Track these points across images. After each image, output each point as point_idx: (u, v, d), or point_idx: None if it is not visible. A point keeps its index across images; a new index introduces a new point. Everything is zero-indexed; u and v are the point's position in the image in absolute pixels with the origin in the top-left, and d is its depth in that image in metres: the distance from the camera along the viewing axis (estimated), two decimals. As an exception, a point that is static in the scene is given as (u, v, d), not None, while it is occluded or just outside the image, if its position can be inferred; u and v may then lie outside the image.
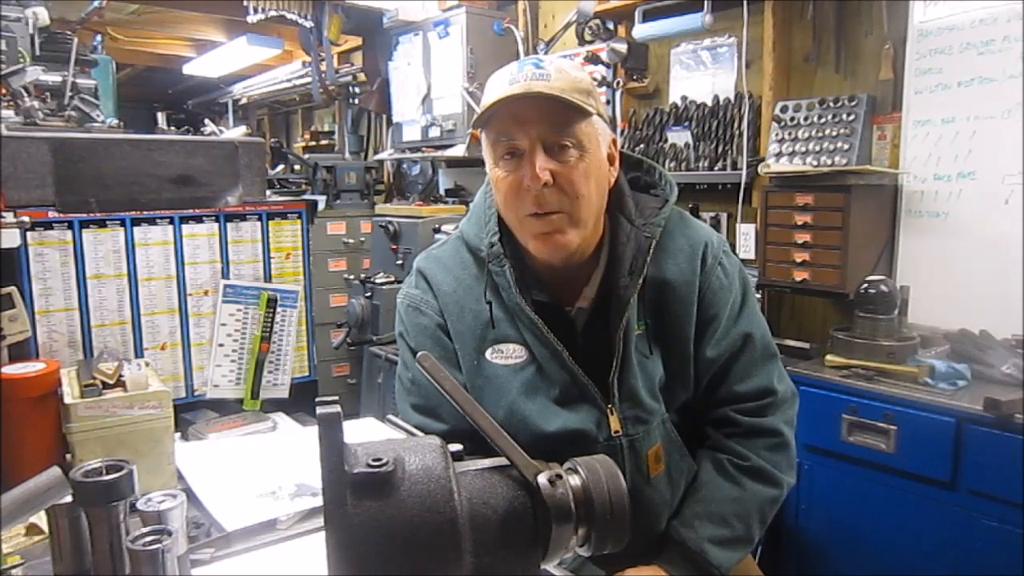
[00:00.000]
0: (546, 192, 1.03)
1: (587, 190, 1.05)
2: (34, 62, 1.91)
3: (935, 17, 2.26)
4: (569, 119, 1.04)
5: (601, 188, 1.10)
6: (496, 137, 1.07)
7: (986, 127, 2.18)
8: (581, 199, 1.05)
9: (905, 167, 2.35)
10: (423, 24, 3.73)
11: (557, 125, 1.03)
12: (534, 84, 1.01)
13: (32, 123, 1.76)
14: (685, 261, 1.16)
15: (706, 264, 1.17)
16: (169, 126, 3.54)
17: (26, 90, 1.81)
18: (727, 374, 1.18)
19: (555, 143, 1.03)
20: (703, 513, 1.14)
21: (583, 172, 1.05)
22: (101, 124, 1.91)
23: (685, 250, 1.17)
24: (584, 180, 1.05)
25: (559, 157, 1.04)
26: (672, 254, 1.16)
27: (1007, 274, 2.12)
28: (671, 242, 1.17)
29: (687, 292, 1.15)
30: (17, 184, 1.47)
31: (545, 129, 1.03)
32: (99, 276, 1.57)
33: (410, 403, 1.20)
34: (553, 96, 1.00)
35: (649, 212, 1.16)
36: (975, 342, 2.09)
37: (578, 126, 1.04)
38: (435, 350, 1.17)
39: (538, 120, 1.03)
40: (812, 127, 2.47)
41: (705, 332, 1.17)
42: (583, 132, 1.05)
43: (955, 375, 1.95)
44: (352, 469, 0.47)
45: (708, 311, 1.16)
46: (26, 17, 1.93)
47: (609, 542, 0.53)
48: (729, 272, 1.19)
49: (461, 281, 1.18)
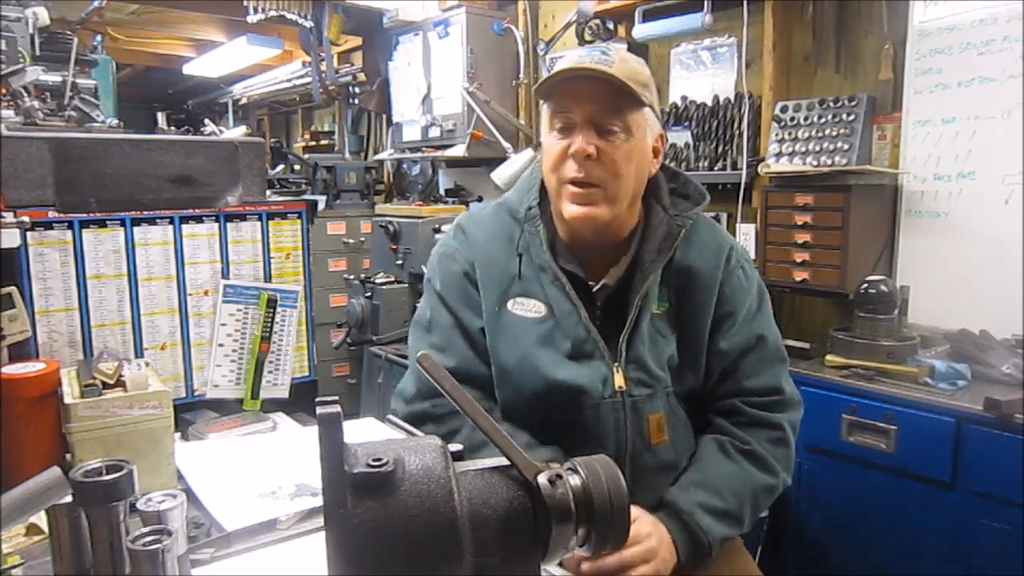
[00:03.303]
0: (589, 164, 1.12)
1: (626, 170, 1.13)
2: (34, 62, 1.91)
3: (935, 17, 2.26)
4: (622, 105, 1.12)
5: (641, 173, 1.18)
6: (554, 109, 1.16)
7: (986, 127, 2.18)
8: (620, 178, 1.13)
9: (905, 167, 2.35)
10: (423, 24, 3.73)
11: (610, 108, 1.11)
12: (597, 66, 1.09)
13: (32, 123, 1.75)
14: (711, 255, 1.25)
15: (729, 263, 1.25)
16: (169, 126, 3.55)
17: (26, 90, 1.80)
18: (737, 369, 1.25)
19: (605, 124, 1.12)
20: (699, 481, 1.19)
21: (625, 153, 1.13)
22: (101, 124, 1.91)
23: (711, 245, 1.26)
24: (625, 161, 1.13)
25: (606, 136, 1.12)
26: (699, 245, 1.25)
27: (1007, 274, 2.12)
28: (698, 236, 1.26)
29: (709, 283, 1.23)
30: (17, 184, 1.47)
31: (598, 109, 1.11)
32: (99, 276, 1.57)
33: (428, 343, 1.27)
34: (612, 80, 1.08)
35: (682, 208, 1.25)
36: (975, 342, 2.09)
37: (629, 113, 1.12)
38: (459, 295, 1.26)
39: (594, 100, 1.11)
40: (812, 127, 2.47)
41: (721, 325, 1.24)
42: (632, 119, 1.13)
43: (955, 375, 1.95)
44: (352, 469, 0.47)
45: (725, 306, 1.24)
46: (26, 17, 1.93)
47: (609, 542, 0.53)
48: (749, 276, 1.28)
49: (496, 237, 1.26)
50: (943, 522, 1.84)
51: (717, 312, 1.24)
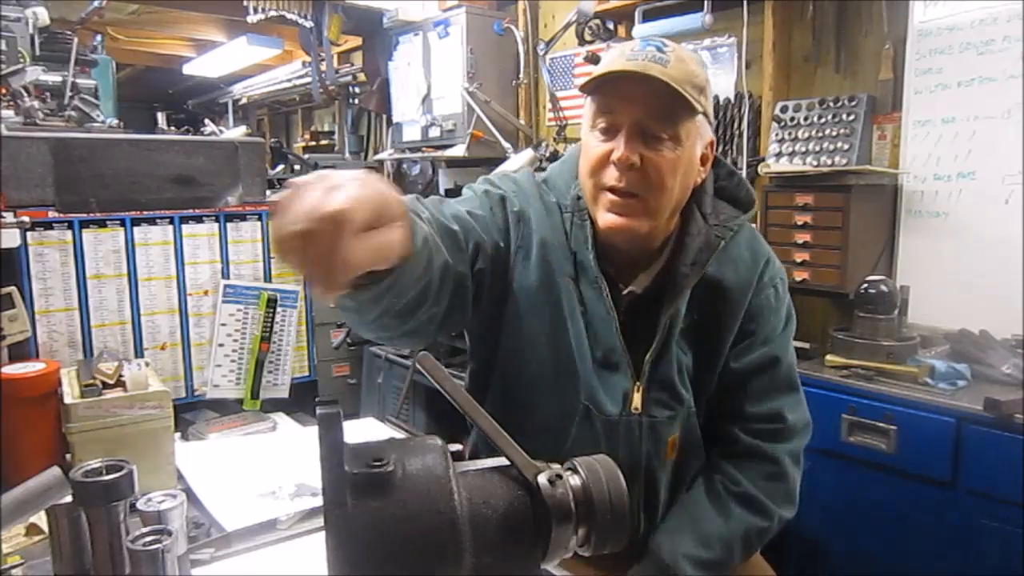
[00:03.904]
0: (631, 173, 1.02)
1: (671, 182, 1.04)
2: (34, 62, 1.91)
3: (935, 17, 2.26)
4: (673, 112, 1.02)
5: (685, 184, 1.08)
6: (599, 107, 1.05)
7: (986, 127, 2.18)
8: (663, 190, 1.04)
9: (905, 167, 2.35)
10: (423, 24, 3.73)
11: (660, 114, 1.01)
12: (650, 66, 0.99)
13: (32, 123, 1.76)
14: (744, 270, 1.16)
15: (762, 280, 1.18)
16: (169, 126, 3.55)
17: (26, 90, 1.81)
18: (743, 389, 1.18)
19: (653, 130, 1.02)
20: (686, 527, 1.14)
21: (672, 164, 1.03)
22: (101, 124, 1.91)
23: (746, 260, 1.17)
24: (671, 172, 1.03)
25: (653, 145, 1.02)
26: (733, 260, 1.16)
27: (1007, 274, 2.12)
28: (735, 249, 1.17)
29: (738, 299, 1.15)
30: (17, 184, 1.47)
31: (647, 114, 1.01)
32: (99, 276, 1.57)
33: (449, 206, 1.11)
34: (665, 83, 0.98)
35: (724, 217, 1.16)
36: (975, 342, 2.09)
37: (681, 121, 1.02)
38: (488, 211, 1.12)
39: (643, 103, 1.01)
40: (812, 127, 2.47)
41: (738, 343, 1.17)
42: (683, 127, 1.03)
43: (955, 375, 1.95)
44: (352, 469, 0.47)
45: (748, 324, 1.17)
46: (26, 17, 1.93)
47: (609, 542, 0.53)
48: (780, 297, 1.20)
49: (545, 216, 1.15)
50: (943, 522, 1.84)
51: (739, 328, 1.16)
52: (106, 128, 1.89)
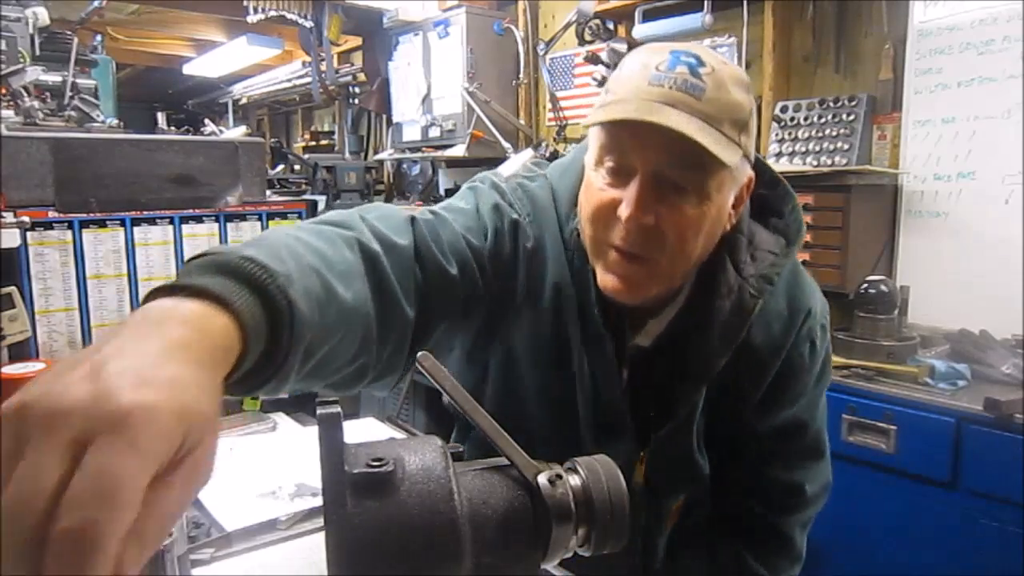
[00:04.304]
0: (642, 233, 0.80)
1: (693, 244, 0.82)
2: (34, 62, 1.91)
3: (935, 17, 2.26)
4: (705, 164, 0.77)
5: (711, 240, 0.86)
6: (606, 143, 0.81)
7: (986, 127, 2.18)
8: (680, 254, 0.82)
9: (905, 167, 2.35)
10: (423, 24, 3.73)
11: (687, 165, 0.77)
12: (680, 97, 0.75)
13: (32, 123, 1.76)
14: (779, 330, 0.95)
15: (798, 336, 0.96)
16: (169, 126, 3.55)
17: (26, 90, 1.81)
18: (760, 457, 1.02)
19: (674, 181, 0.79)
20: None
21: (695, 222, 0.80)
22: (101, 124, 1.91)
23: (783, 317, 0.95)
24: (693, 232, 0.81)
25: (672, 198, 0.79)
26: (767, 317, 0.93)
27: (1007, 274, 2.12)
28: (772, 302, 0.93)
29: (767, 363, 0.95)
30: (17, 184, 1.47)
31: (669, 164, 0.78)
32: (99, 276, 1.57)
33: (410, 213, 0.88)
34: (697, 126, 0.75)
35: (762, 259, 0.92)
36: (975, 342, 2.09)
37: (712, 172, 0.78)
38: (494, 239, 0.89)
39: (665, 151, 0.76)
40: (812, 127, 2.47)
41: (760, 406, 0.98)
42: (716, 179, 0.79)
43: (955, 375, 1.95)
44: (352, 469, 0.47)
45: (774, 386, 0.97)
46: (26, 17, 1.93)
47: (609, 542, 0.53)
48: (816, 353, 0.99)
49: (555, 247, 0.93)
50: (943, 522, 1.84)
51: (763, 392, 0.97)
52: (106, 128, 1.89)
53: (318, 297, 0.60)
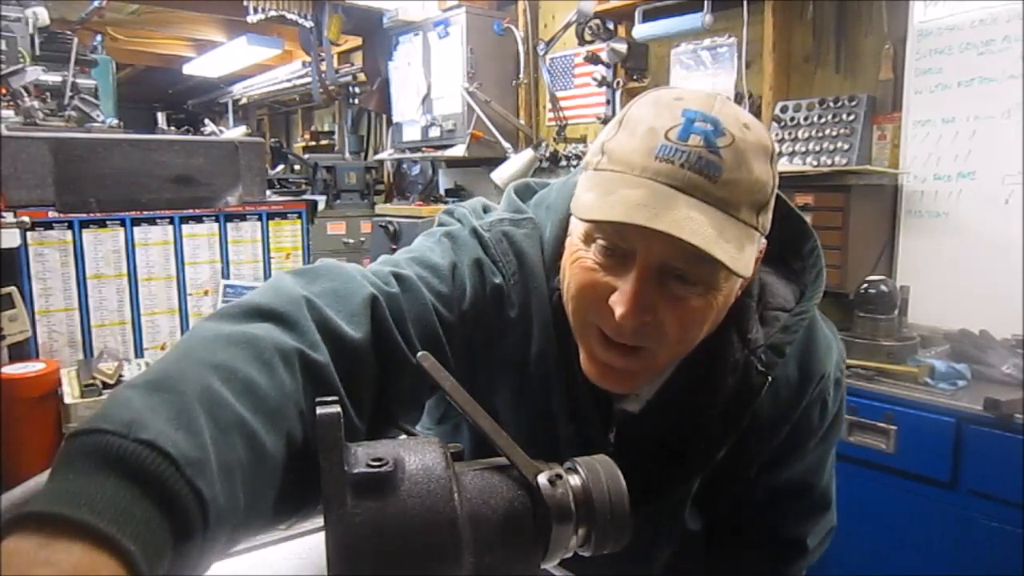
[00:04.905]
0: (637, 328, 0.68)
1: (694, 336, 0.72)
2: (34, 62, 1.91)
3: (935, 17, 2.26)
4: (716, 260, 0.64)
5: (715, 326, 0.75)
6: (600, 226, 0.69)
7: (986, 127, 2.18)
8: (680, 344, 0.72)
9: (905, 167, 2.35)
10: (423, 24, 3.74)
11: (696, 258, 0.64)
12: (694, 181, 0.64)
13: (32, 123, 1.76)
14: (786, 399, 0.83)
15: (809, 399, 0.85)
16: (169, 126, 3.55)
17: (26, 90, 1.81)
18: (761, 516, 0.94)
19: (680, 273, 0.67)
20: None
21: (700, 315, 0.70)
22: (101, 124, 1.91)
23: (793, 384, 0.83)
24: (697, 324, 0.71)
25: (677, 290, 0.68)
26: (775, 387, 0.81)
27: (1007, 274, 2.12)
28: (782, 370, 0.81)
29: (773, 430, 0.85)
30: (17, 184, 1.47)
31: (675, 257, 0.66)
32: (99, 276, 1.57)
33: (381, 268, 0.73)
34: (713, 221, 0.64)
35: (772, 321, 0.80)
36: (975, 342, 2.09)
37: (723, 270, 0.65)
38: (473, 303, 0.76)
39: (673, 243, 0.63)
40: (812, 127, 2.47)
41: (763, 468, 0.90)
42: (725, 272, 0.66)
43: (955, 375, 1.95)
44: (352, 469, 0.47)
45: (779, 449, 0.88)
46: (26, 17, 1.93)
47: (609, 542, 0.53)
48: (827, 412, 0.89)
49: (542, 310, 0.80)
50: (943, 522, 1.84)
51: (768, 455, 0.88)
52: (106, 128, 1.89)
53: (243, 465, 0.49)
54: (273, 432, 0.53)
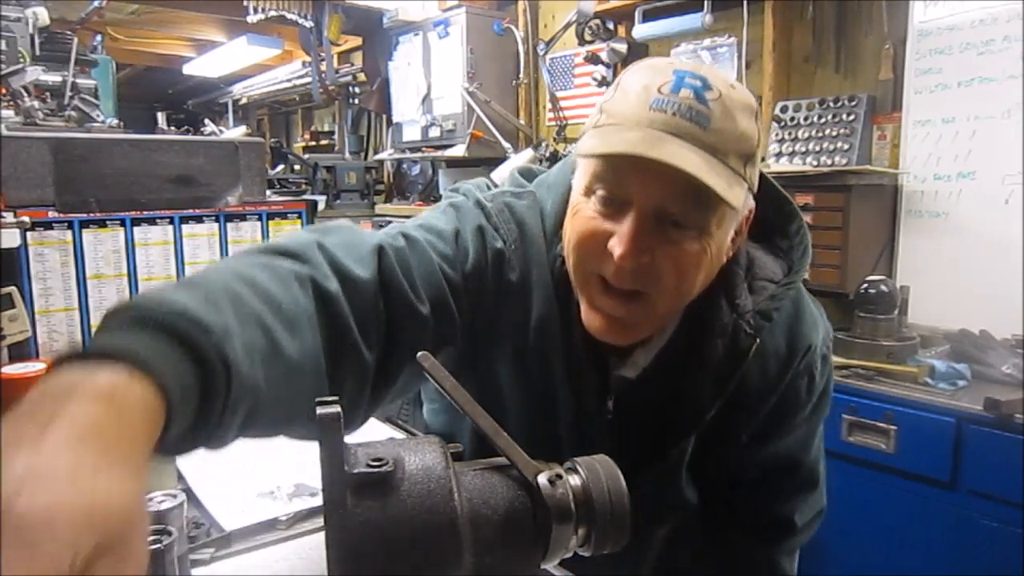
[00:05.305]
0: (636, 270, 0.73)
1: (690, 282, 0.75)
2: (34, 62, 1.91)
3: (935, 17, 2.26)
4: (708, 200, 0.70)
5: (708, 276, 0.79)
6: (600, 171, 0.74)
7: (986, 127, 2.18)
8: (678, 291, 0.76)
9: (905, 167, 2.35)
10: (423, 24, 3.74)
11: (689, 201, 0.70)
12: (685, 127, 0.69)
13: (32, 123, 1.76)
14: (774, 369, 0.88)
15: (796, 371, 0.89)
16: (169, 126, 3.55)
17: (26, 90, 1.81)
18: (749, 490, 0.97)
19: (674, 218, 0.72)
20: None
21: (694, 259, 0.74)
22: (101, 124, 1.91)
23: (780, 354, 0.88)
24: (693, 268, 0.74)
25: (671, 234, 0.72)
26: (763, 356, 0.86)
27: (1007, 274, 2.12)
28: (770, 339, 0.86)
29: (761, 400, 0.89)
30: (17, 184, 1.47)
31: (669, 198, 0.71)
32: (99, 276, 1.57)
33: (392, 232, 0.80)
34: (702, 160, 0.68)
35: (760, 290, 0.86)
36: (975, 342, 2.09)
37: (714, 209, 0.72)
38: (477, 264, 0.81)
39: (666, 183, 0.69)
40: (812, 127, 2.47)
41: (751, 441, 0.93)
42: (717, 214, 0.72)
43: (955, 375, 1.95)
44: (352, 469, 0.47)
45: (767, 422, 0.91)
46: (26, 17, 1.93)
47: (609, 542, 0.53)
48: (815, 386, 0.93)
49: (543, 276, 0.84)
50: (943, 522, 1.84)
51: (755, 427, 0.92)
52: (106, 128, 1.89)
53: (261, 351, 0.53)
54: (288, 335, 0.58)
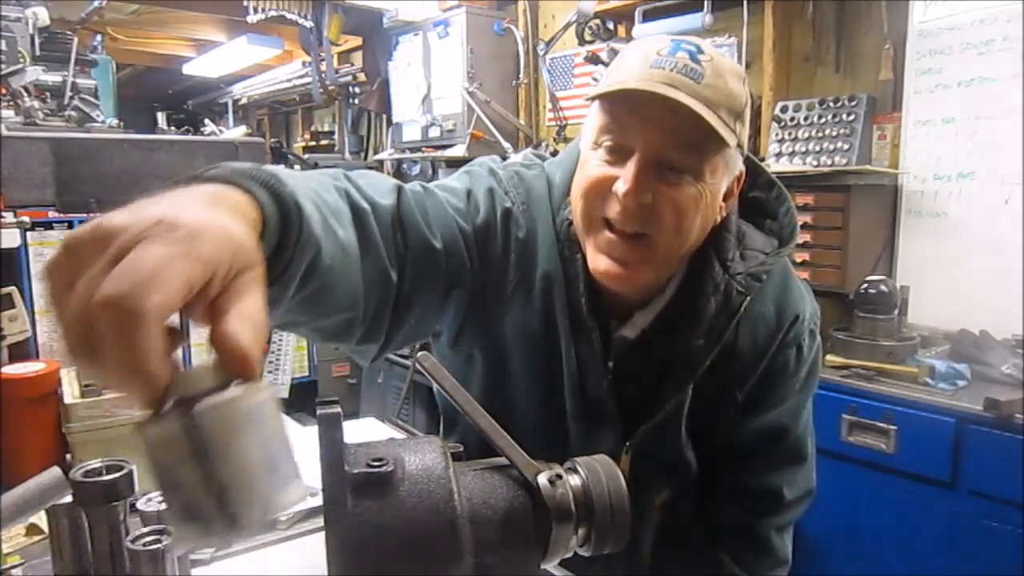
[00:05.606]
0: (639, 210, 0.81)
1: (688, 223, 0.83)
2: (34, 62, 1.91)
3: (935, 17, 2.26)
4: (701, 144, 0.80)
5: (704, 225, 0.86)
6: (607, 123, 0.83)
7: (986, 127, 2.18)
8: (678, 232, 0.83)
9: (905, 167, 2.35)
10: (423, 24, 3.74)
11: (685, 146, 0.80)
12: (681, 81, 0.78)
13: (32, 123, 1.76)
14: (764, 334, 0.94)
15: (784, 340, 0.96)
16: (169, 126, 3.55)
17: (26, 90, 1.81)
18: (739, 460, 1.01)
19: (672, 163, 0.81)
20: None
21: (692, 201, 0.81)
22: (101, 124, 1.91)
23: (770, 320, 0.95)
24: (691, 210, 0.82)
25: (670, 178, 0.81)
26: (754, 320, 0.93)
27: (1007, 274, 2.12)
28: (760, 306, 0.94)
29: (750, 367, 0.95)
30: (17, 184, 1.47)
31: (669, 144, 0.80)
32: (99, 276, 1.57)
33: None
34: (696, 114, 0.77)
35: (751, 258, 0.93)
36: (975, 342, 2.09)
37: (708, 155, 0.81)
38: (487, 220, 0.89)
39: (664, 129, 0.79)
40: (812, 127, 2.47)
41: (741, 409, 0.98)
42: (710, 163, 0.82)
43: (955, 375, 1.95)
44: (352, 469, 0.47)
45: (756, 390, 0.97)
46: (26, 17, 1.93)
47: (609, 542, 0.53)
48: (803, 358, 0.98)
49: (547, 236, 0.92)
50: (943, 522, 1.84)
51: (745, 395, 0.97)
52: (106, 128, 1.89)
53: (320, 222, 0.62)
54: (336, 222, 0.67)
